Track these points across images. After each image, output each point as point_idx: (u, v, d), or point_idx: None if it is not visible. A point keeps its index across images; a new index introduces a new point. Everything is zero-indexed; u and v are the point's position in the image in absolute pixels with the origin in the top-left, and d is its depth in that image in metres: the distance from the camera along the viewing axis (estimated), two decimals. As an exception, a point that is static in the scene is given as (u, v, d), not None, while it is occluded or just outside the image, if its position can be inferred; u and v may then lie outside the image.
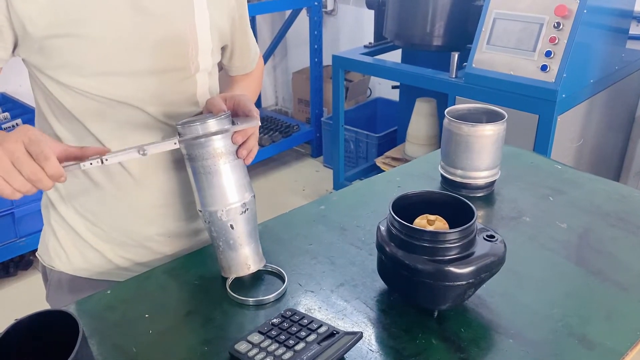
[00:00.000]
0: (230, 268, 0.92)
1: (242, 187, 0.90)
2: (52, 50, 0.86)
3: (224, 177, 0.88)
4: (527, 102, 2.06)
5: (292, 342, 0.75)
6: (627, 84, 2.45)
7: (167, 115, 0.96)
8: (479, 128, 1.13)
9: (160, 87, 0.94)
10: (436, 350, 0.77)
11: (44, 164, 0.72)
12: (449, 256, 0.78)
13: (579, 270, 0.95)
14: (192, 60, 0.96)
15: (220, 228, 0.90)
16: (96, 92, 0.89)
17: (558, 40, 1.98)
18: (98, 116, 0.92)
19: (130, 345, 0.79)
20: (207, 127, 0.85)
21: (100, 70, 0.88)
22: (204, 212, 0.90)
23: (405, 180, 1.27)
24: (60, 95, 0.90)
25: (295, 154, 3.82)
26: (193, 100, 1.00)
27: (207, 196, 0.89)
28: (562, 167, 1.31)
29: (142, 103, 0.93)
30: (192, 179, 0.90)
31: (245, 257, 0.92)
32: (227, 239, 0.90)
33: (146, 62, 0.91)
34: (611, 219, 1.09)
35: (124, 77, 0.90)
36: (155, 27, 0.90)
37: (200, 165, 0.87)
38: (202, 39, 0.97)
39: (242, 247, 0.91)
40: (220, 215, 0.89)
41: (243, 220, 0.90)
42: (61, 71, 0.88)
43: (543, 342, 0.79)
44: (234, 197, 0.89)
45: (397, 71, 2.62)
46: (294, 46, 4.01)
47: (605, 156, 2.56)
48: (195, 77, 0.98)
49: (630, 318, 0.84)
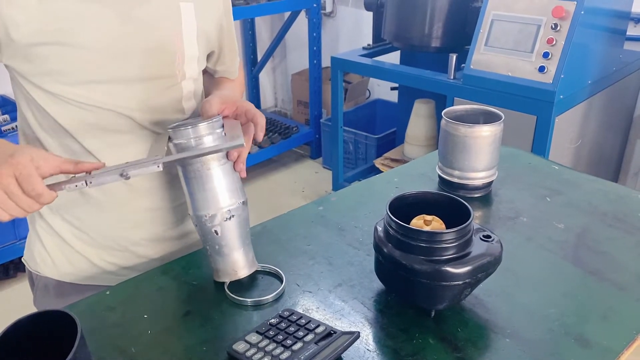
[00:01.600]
0: (218, 272, 0.92)
1: (231, 193, 0.88)
2: (38, 58, 0.85)
3: (211, 182, 0.87)
4: (525, 103, 2.06)
5: (289, 342, 0.75)
6: (625, 85, 2.46)
7: (154, 122, 0.96)
8: (476, 129, 1.13)
9: (147, 95, 0.94)
10: (433, 349, 0.78)
11: (37, 199, 0.74)
12: (445, 256, 0.79)
13: (576, 270, 0.95)
14: (179, 68, 0.96)
15: (206, 233, 0.89)
16: (83, 100, 0.89)
17: (556, 42, 1.99)
18: (84, 124, 0.92)
19: (129, 345, 0.79)
20: (197, 130, 0.85)
21: (87, 78, 0.88)
22: (192, 215, 0.90)
23: (403, 181, 1.27)
24: (45, 103, 0.90)
25: (294, 156, 3.83)
26: (179, 107, 1.00)
27: (194, 200, 0.88)
28: (560, 168, 1.32)
29: (129, 110, 0.93)
30: (182, 182, 0.90)
31: (232, 262, 0.91)
32: (212, 244, 0.90)
33: (134, 70, 0.91)
34: (608, 219, 1.10)
35: (111, 85, 0.90)
36: (143, 36, 0.91)
37: (190, 170, 0.87)
38: (189, 47, 0.97)
39: (229, 253, 0.90)
40: (205, 221, 0.88)
41: (229, 227, 0.89)
42: (47, 79, 0.87)
43: (540, 341, 0.79)
44: (220, 202, 0.88)
45: (396, 72, 2.62)
46: (293, 48, 4.02)
47: (604, 157, 2.57)
48: (181, 85, 0.98)
49: (626, 317, 0.84)
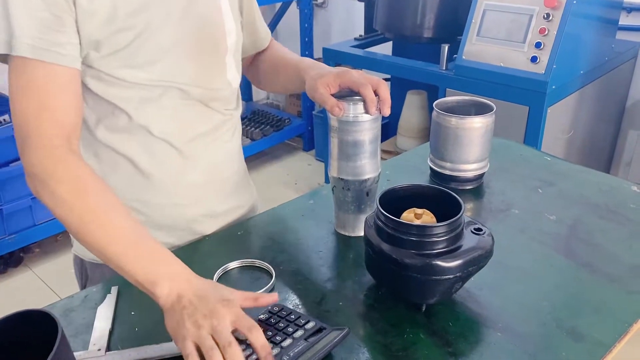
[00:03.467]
0: (354, 229, 1.02)
1: (379, 160, 0.99)
2: (110, 45, 0.85)
3: (369, 149, 0.95)
4: (517, 94, 2.05)
5: (279, 339, 0.74)
6: (617, 74, 2.45)
7: (210, 98, 0.99)
8: (467, 120, 1.12)
9: (200, 71, 0.95)
10: (424, 344, 0.77)
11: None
12: (436, 250, 0.78)
13: (568, 262, 0.95)
14: (222, 42, 0.98)
15: (358, 194, 0.98)
16: (142, 82, 0.90)
17: (548, 32, 1.98)
18: (145, 103, 0.92)
19: (118, 343, 0.79)
20: (357, 108, 0.92)
21: (151, 58, 0.89)
22: (350, 180, 0.96)
23: (395, 173, 1.26)
24: (101, 90, 0.90)
25: (287, 148, 3.81)
26: (227, 83, 1.01)
27: (352, 167, 0.95)
28: (552, 159, 1.31)
29: (185, 86, 0.94)
30: (336, 149, 0.95)
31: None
32: (358, 204, 0.99)
33: (187, 45, 0.92)
34: (601, 210, 1.09)
35: (170, 61, 0.91)
36: (193, 10, 0.92)
37: (358, 138, 0.93)
38: (227, 20, 0.98)
39: (369, 210, 1.00)
40: (361, 183, 0.97)
41: (374, 189, 1.00)
42: (115, 64, 0.87)
43: (532, 335, 0.79)
44: (376, 169, 0.98)
45: (388, 64, 2.61)
46: (285, 39, 3.99)
47: (596, 147, 2.57)
48: (225, 60, 0.99)
49: (618, 310, 0.83)
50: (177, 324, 0.71)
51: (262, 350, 0.68)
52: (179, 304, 0.72)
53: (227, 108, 1.04)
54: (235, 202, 1.10)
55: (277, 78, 1.13)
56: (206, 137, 1.01)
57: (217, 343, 0.68)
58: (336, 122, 0.94)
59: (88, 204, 0.78)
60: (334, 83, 0.91)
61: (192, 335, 0.69)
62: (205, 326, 0.69)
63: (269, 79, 1.17)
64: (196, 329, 0.69)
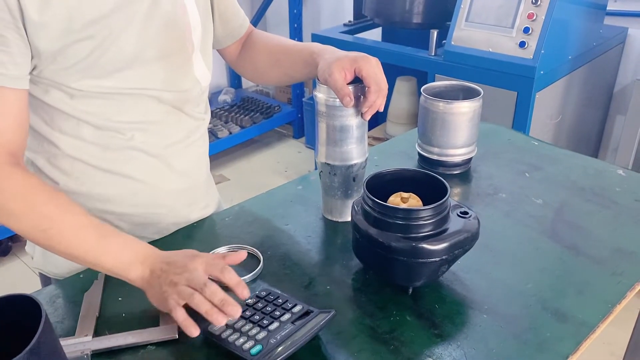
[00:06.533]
0: (341, 214, 1.02)
1: (366, 146, 1.00)
2: (67, 57, 0.82)
3: (356, 134, 0.96)
4: (505, 79, 2.05)
5: (266, 322, 0.74)
6: (605, 60, 2.46)
7: (183, 101, 0.97)
8: (454, 105, 1.12)
9: (169, 73, 0.93)
10: (410, 326, 0.78)
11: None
12: (422, 233, 0.78)
13: (553, 245, 0.96)
14: (188, 39, 0.94)
15: (346, 179, 0.98)
16: (109, 91, 0.87)
17: (536, 17, 1.98)
18: (118, 112, 0.90)
19: (105, 329, 0.78)
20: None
21: (115, 67, 0.86)
22: (337, 165, 0.97)
23: (383, 158, 1.26)
24: (64, 103, 0.87)
25: (277, 135, 3.80)
26: (195, 81, 0.98)
27: (340, 152, 0.96)
28: (539, 144, 1.32)
29: (154, 91, 0.92)
30: (323, 134, 0.96)
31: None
32: (345, 189, 0.99)
33: (153, 49, 0.89)
34: (586, 194, 1.10)
35: (135, 70, 0.88)
36: (157, 12, 0.88)
37: (343, 122, 0.94)
38: (192, 16, 0.94)
39: (356, 195, 1.00)
40: (348, 168, 0.97)
41: (362, 174, 1.00)
42: (75, 76, 0.84)
43: (517, 316, 0.80)
44: (363, 154, 0.98)
45: (377, 50, 2.59)
46: (274, 25, 3.96)
47: (584, 132, 2.58)
48: (192, 57, 0.96)
49: (602, 291, 0.84)
50: (158, 292, 0.77)
51: (237, 287, 0.75)
52: (153, 277, 0.78)
53: (199, 111, 1.02)
54: (204, 203, 1.10)
55: (278, 68, 1.09)
56: (180, 144, 0.99)
57: (195, 289, 0.74)
58: (324, 107, 0.93)
59: (42, 212, 0.79)
60: (350, 68, 0.88)
61: (172, 294, 0.74)
62: (180, 281, 0.75)
63: (268, 70, 1.11)
64: (173, 287, 0.75)
